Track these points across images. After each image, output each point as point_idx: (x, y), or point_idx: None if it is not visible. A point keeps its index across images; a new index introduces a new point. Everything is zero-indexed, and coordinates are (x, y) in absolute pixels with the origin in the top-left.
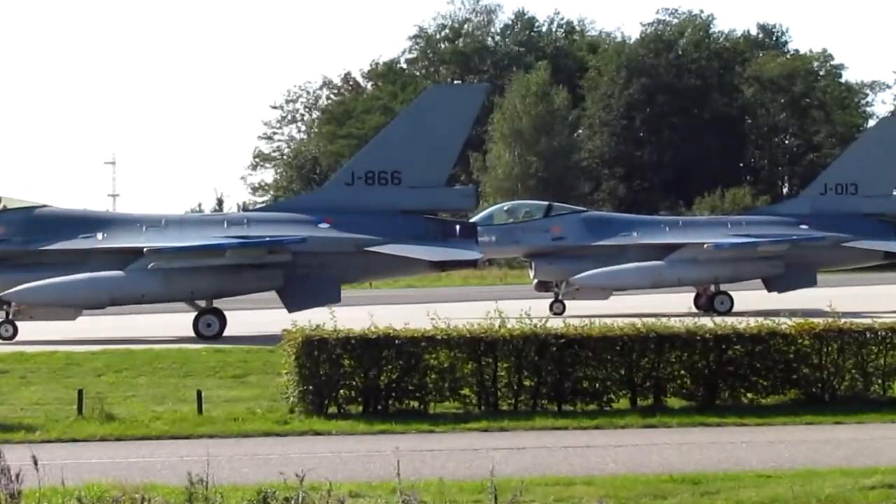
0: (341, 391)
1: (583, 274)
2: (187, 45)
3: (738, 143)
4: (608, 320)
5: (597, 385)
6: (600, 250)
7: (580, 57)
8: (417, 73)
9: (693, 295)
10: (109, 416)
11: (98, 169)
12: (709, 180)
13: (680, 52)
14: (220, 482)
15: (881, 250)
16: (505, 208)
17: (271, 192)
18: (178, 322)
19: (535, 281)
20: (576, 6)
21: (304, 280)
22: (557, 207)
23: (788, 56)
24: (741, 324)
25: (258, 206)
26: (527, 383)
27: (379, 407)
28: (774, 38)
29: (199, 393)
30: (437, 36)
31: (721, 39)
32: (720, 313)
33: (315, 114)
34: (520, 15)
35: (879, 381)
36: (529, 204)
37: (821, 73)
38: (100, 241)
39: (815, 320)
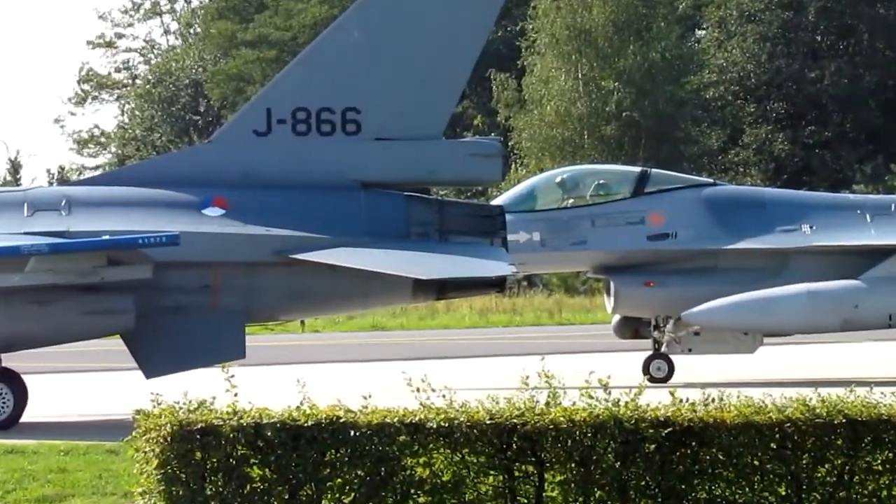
0: None
1: (708, 305)
2: None
3: None
4: (752, 393)
5: None
6: (740, 259)
7: None
8: None
9: None
10: None
11: None
12: None
13: None
14: None
15: None
16: (558, 179)
17: (113, 150)
18: None
19: (617, 318)
20: None
21: (175, 317)
22: (659, 178)
23: None
24: None
25: (88, 175)
26: None
27: None
28: None
29: None
30: None
31: None
32: None
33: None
34: None
35: None
36: (606, 171)
37: None
38: None
39: None
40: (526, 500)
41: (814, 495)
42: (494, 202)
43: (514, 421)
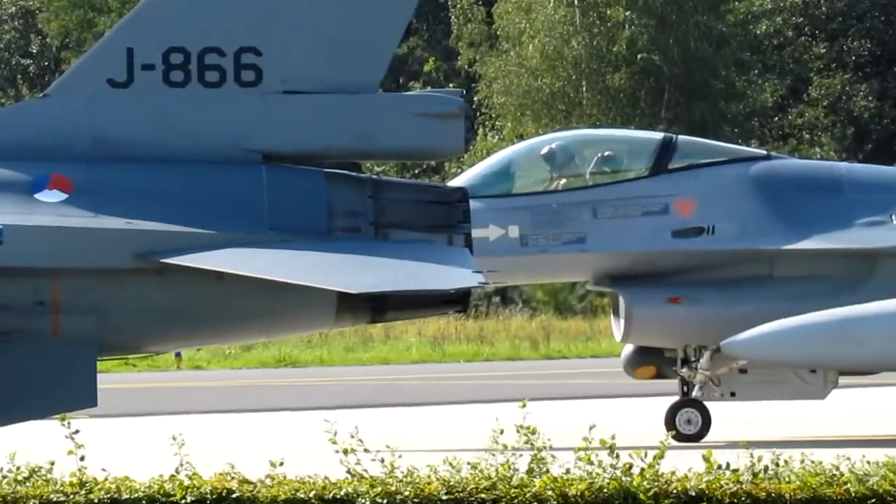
0: None
1: (759, 331)
2: None
3: None
4: (822, 455)
5: None
6: (806, 264)
7: None
8: None
9: None
10: None
11: None
12: None
13: None
14: None
15: None
16: (546, 150)
17: None
18: None
19: (629, 350)
20: None
21: None
22: (689, 148)
23: None
24: None
25: None
26: None
27: None
28: None
29: None
30: None
31: None
32: None
33: None
34: None
35: None
36: (614, 138)
37: None
38: None
39: None
40: None
41: None
42: (454, 183)
43: (483, 496)
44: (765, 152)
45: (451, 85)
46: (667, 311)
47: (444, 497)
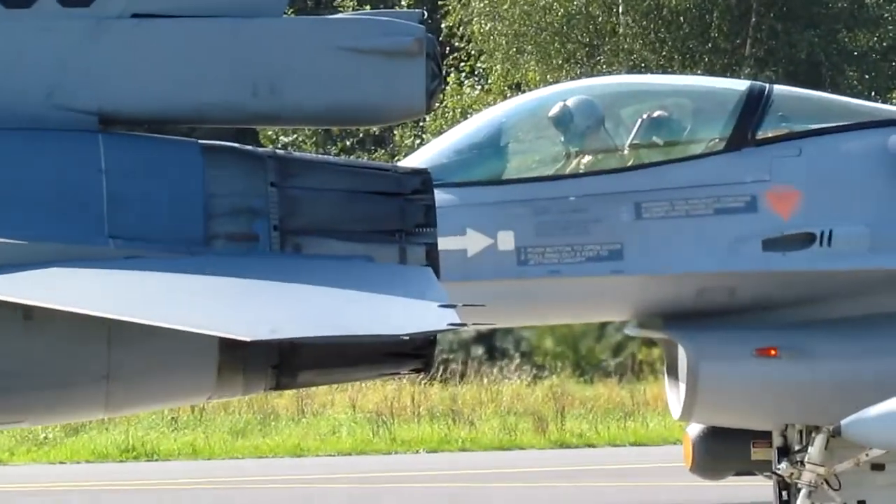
0: None
1: None
2: None
3: None
4: None
5: None
6: None
7: None
8: None
9: None
10: None
11: None
12: None
13: None
14: None
15: None
16: (557, 109)
17: None
18: None
19: (695, 433)
20: None
21: None
22: (789, 103)
23: None
24: None
25: None
26: None
27: None
28: None
29: None
30: None
31: None
32: None
33: None
34: None
35: None
36: (669, 89)
37: None
38: None
39: None
40: None
41: None
42: (409, 162)
43: None
44: None
45: (404, 4)
46: (755, 369)
47: None
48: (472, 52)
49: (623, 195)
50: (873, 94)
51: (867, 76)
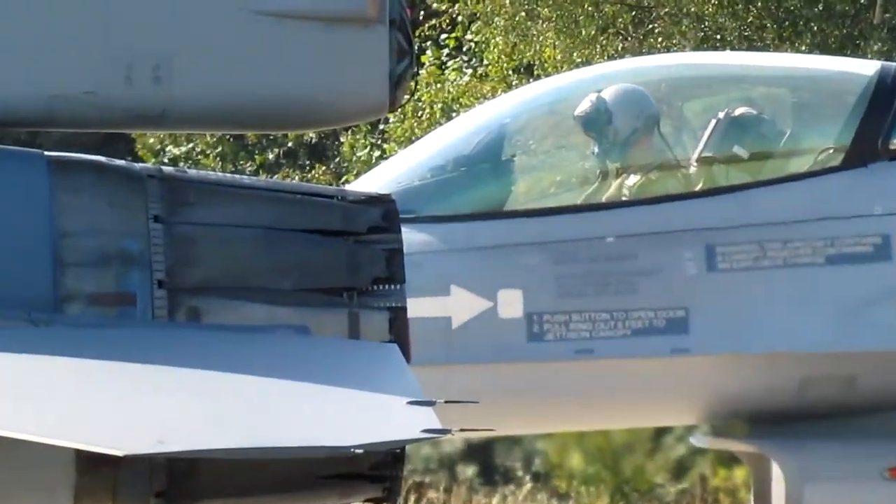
0: None
1: None
2: None
3: None
4: None
5: None
6: None
7: None
8: None
9: None
10: None
11: None
12: None
13: None
14: None
15: None
16: (587, 105)
17: None
18: None
19: None
20: None
21: None
22: None
23: None
24: None
25: None
26: None
27: None
28: None
29: None
30: None
31: None
32: None
33: None
34: None
35: None
36: (753, 73)
37: None
38: None
39: None
40: None
41: None
42: (363, 185)
43: None
44: None
45: None
46: (887, 497)
47: None
48: (460, 19)
49: (688, 234)
50: None
51: None
